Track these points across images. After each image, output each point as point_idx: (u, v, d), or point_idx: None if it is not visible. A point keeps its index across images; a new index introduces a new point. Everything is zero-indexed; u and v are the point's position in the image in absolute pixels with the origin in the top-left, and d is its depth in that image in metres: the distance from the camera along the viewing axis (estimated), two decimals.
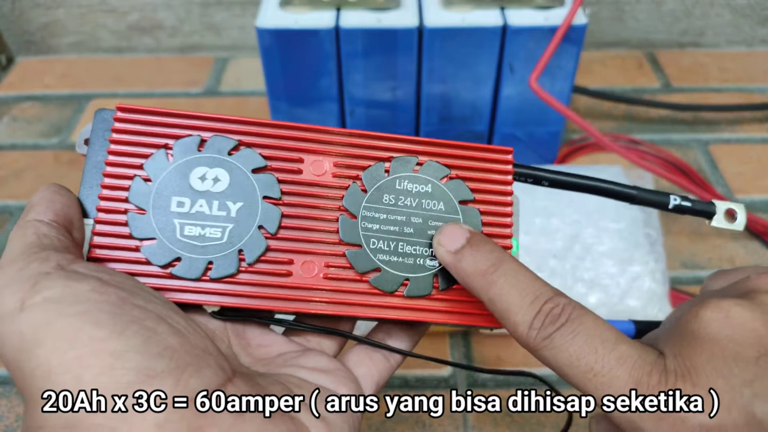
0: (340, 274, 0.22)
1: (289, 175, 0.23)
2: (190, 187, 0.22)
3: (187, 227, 0.22)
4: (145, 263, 0.21)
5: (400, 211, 0.23)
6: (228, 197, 0.22)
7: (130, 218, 0.22)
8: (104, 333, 0.17)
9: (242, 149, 0.23)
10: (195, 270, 0.21)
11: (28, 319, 0.17)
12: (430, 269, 0.23)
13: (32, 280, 0.18)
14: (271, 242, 0.22)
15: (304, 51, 0.45)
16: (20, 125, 0.59)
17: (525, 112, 0.49)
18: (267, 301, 0.22)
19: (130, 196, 0.22)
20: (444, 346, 0.41)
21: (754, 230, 0.47)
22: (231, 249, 0.22)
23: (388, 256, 0.23)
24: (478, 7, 0.45)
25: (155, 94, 0.62)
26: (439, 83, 0.47)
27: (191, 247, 0.22)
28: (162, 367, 0.17)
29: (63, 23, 0.66)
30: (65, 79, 0.64)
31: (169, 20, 0.66)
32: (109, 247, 0.21)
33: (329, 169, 0.23)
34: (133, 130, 0.22)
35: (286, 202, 0.22)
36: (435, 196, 0.23)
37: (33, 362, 0.17)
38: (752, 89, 0.61)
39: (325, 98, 0.48)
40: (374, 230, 0.23)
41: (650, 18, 0.65)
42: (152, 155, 0.22)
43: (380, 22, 0.44)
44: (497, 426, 0.36)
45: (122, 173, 0.22)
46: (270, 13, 0.45)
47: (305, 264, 0.22)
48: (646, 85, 0.62)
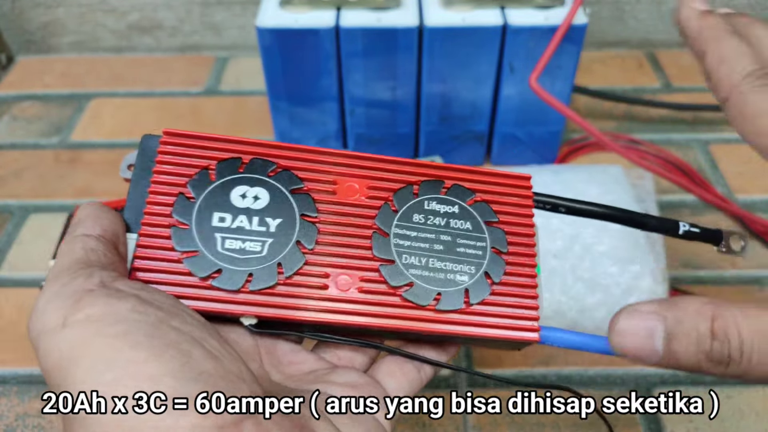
0: (374, 288, 0.23)
1: (324, 196, 0.24)
2: (231, 204, 0.24)
3: (228, 241, 0.23)
4: (187, 274, 0.22)
5: (429, 229, 0.25)
6: (267, 214, 0.24)
7: (174, 232, 0.23)
8: (142, 356, 0.17)
9: (280, 171, 0.24)
10: (235, 282, 0.23)
11: (68, 337, 0.17)
12: (460, 284, 0.24)
13: (76, 296, 0.18)
14: (308, 257, 0.23)
15: (305, 50, 0.45)
16: (20, 124, 0.59)
17: (525, 112, 0.49)
18: (304, 312, 0.23)
19: (174, 211, 0.23)
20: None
21: (755, 230, 0.47)
22: (270, 262, 0.23)
23: (420, 271, 0.24)
24: (478, 7, 0.45)
25: (155, 94, 0.62)
26: (440, 83, 0.46)
27: (232, 260, 0.23)
28: (196, 393, 0.17)
29: (63, 22, 0.66)
30: (65, 79, 0.64)
31: (170, 20, 0.66)
32: (153, 258, 0.23)
33: (361, 191, 0.25)
34: (178, 152, 0.24)
35: (322, 219, 0.24)
36: (462, 217, 0.25)
37: (69, 381, 0.17)
38: None
39: (325, 98, 0.48)
40: (406, 246, 0.24)
41: (651, 17, 0.65)
42: (195, 175, 0.24)
43: (380, 22, 0.44)
44: (497, 426, 0.36)
45: (167, 190, 0.24)
46: (270, 13, 0.45)
47: (340, 278, 0.23)
48: (646, 85, 0.62)
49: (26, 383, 0.39)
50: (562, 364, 0.39)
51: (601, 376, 0.39)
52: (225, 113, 0.59)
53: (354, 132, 0.50)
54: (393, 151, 0.52)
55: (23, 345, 0.41)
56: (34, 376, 0.40)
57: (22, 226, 0.49)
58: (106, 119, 0.59)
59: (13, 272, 0.46)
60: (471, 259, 0.24)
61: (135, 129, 0.58)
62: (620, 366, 0.39)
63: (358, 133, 0.50)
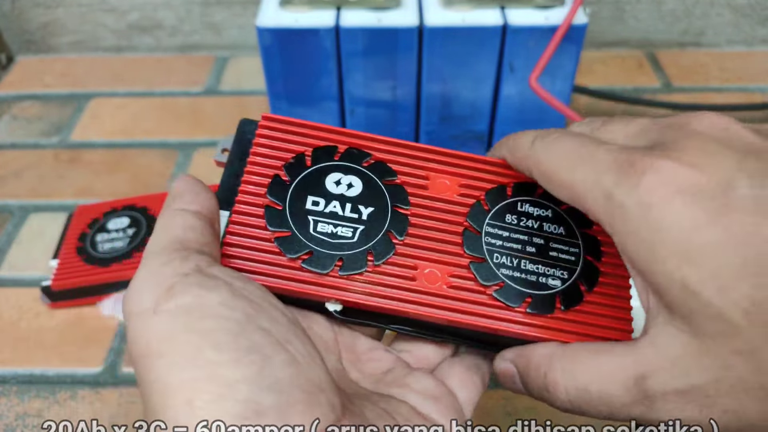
0: (464, 284, 0.23)
1: (417, 189, 0.24)
2: (326, 189, 0.24)
3: (320, 224, 0.23)
4: (277, 254, 0.22)
5: (522, 230, 0.24)
6: (360, 202, 0.24)
7: (267, 211, 0.23)
8: (223, 358, 0.17)
9: (375, 162, 0.25)
10: (325, 265, 0.23)
11: (157, 326, 0.17)
12: (553, 288, 0.23)
13: (169, 282, 0.18)
14: (398, 248, 0.23)
15: (305, 50, 0.45)
16: (20, 124, 0.59)
17: (525, 112, 0.49)
18: (391, 301, 0.23)
19: (268, 191, 0.23)
20: None
21: None
22: (360, 249, 0.23)
23: (511, 272, 0.23)
24: (478, 7, 0.45)
25: (155, 94, 0.62)
26: (439, 83, 0.47)
27: (323, 243, 0.23)
28: (270, 402, 0.17)
29: (63, 22, 0.66)
30: (65, 78, 0.64)
31: (169, 19, 0.66)
32: (245, 235, 0.23)
33: (453, 188, 0.25)
34: (275, 136, 0.25)
35: (413, 212, 0.24)
36: (555, 221, 0.24)
37: (153, 374, 0.17)
38: (752, 89, 0.61)
39: (325, 97, 0.48)
40: (497, 246, 0.24)
41: (651, 18, 0.65)
42: (291, 159, 0.24)
43: (380, 22, 0.44)
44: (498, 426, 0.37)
45: (262, 171, 0.24)
46: (270, 13, 0.45)
47: (430, 271, 0.23)
48: (646, 85, 0.62)
49: (26, 383, 0.39)
50: None
51: None
52: (225, 113, 0.59)
53: None
54: None
55: (23, 345, 0.41)
56: (35, 376, 0.40)
57: (22, 226, 0.49)
58: (106, 119, 0.59)
59: (13, 272, 0.46)
60: (564, 264, 0.24)
61: (135, 129, 0.58)
62: None
63: None
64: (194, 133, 0.57)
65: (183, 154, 0.55)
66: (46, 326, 0.42)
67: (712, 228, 0.16)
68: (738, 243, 0.16)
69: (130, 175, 0.53)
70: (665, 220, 0.17)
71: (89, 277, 0.41)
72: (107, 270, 0.41)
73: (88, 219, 0.44)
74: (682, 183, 0.17)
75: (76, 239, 0.43)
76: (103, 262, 0.41)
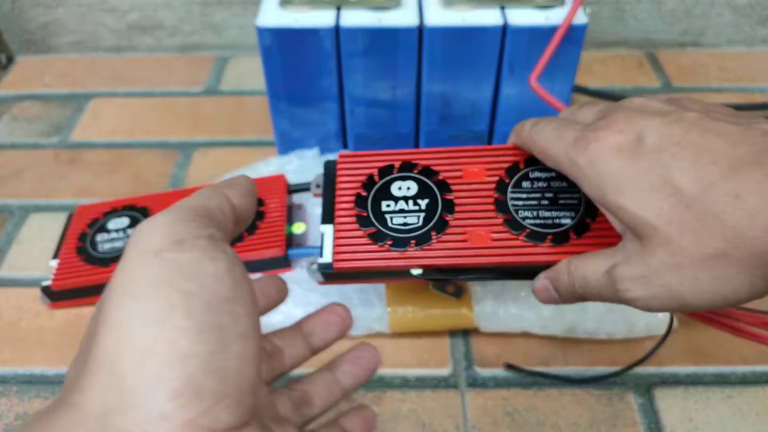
0: (501, 236, 0.32)
1: (455, 180, 0.34)
2: (392, 194, 0.34)
3: (394, 218, 0.33)
4: (370, 244, 0.32)
5: (535, 190, 0.33)
6: (418, 197, 0.33)
7: (357, 218, 0.33)
8: (186, 325, 0.18)
9: (422, 168, 0.34)
10: (404, 245, 0.32)
11: (149, 270, 0.18)
12: (566, 225, 0.32)
13: (181, 235, 0.19)
14: (451, 222, 0.32)
15: (305, 50, 0.45)
16: (20, 124, 0.59)
17: (525, 112, 0.49)
18: (455, 258, 0.31)
19: (355, 204, 0.33)
20: (444, 346, 0.41)
21: None
22: (425, 229, 0.32)
23: (534, 220, 0.32)
24: (478, 7, 0.45)
25: (155, 94, 0.62)
26: (439, 83, 0.47)
27: (399, 231, 0.32)
28: (209, 387, 0.18)
29: (63, 22, 0.66)
30: (65, 78, 0.64)
31: (169, 19, 0.66)
32: (346, 237, 0.33)
33: (481, 172, 0.34)
34: (350, 166, 0.35)
35: (456, 196, 0.33)
36: (559, 179, 0.33)
37: (121, 314, 0.18)
38: (752, 89, 0.61)
39: (325, 97, 0.48)
40: (520, 205, 0.32)
41: (650, 18, 0.65)
42: (365, 179, 0.34)
43: (380, 22, 0.44)
44: (497, 426, 0.37)
45: (348, 192, 0.34)
46: (270, 12, 0.45)
47: (476, 233, 0.32)
48: (646, 85, 0.62)
49: (26, 383, 0.39)
50: (561, 364, 0.39)
51: (601, 375, 0.39)
52: (225, 113, 0.59)
53: (354, 132, 0.50)
54: None
55: (23, 345, 0.41)
56: (35, 376, 0.40)
57: (22, 226, 0.49)
58: (106, 119, 0.59)
59: (12, 272, 0.46)
60: (571, 207, 0.32)
61: (135, 129, 0.58)
62: (620, 365, 0.39)
63: (358, 132, 0.50)
64: (194, 133, 0.57)
65: (183, 154, 0.55)
66: (46, 326, 0.42)
67: (630, 168, 0.24)
68: (646, 174, 0.24)
69: (130, 175, 0.53)
70: (604, 169, 0.25)
71: (89, 277, 0.41)
72: (107, 270, 0.41)
73: (88, 219, 0.44)
74: (612, 144, 0.25)
75: (76, 239, 0.43)
76: (103, 262, 0.41)
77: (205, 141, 0.56)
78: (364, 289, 0.41)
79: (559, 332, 0.40)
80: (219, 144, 0.56)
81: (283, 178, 0.45)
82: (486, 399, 0.38)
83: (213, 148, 0.56)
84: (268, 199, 0.43)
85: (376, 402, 0.38)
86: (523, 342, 0.41)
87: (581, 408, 0.37)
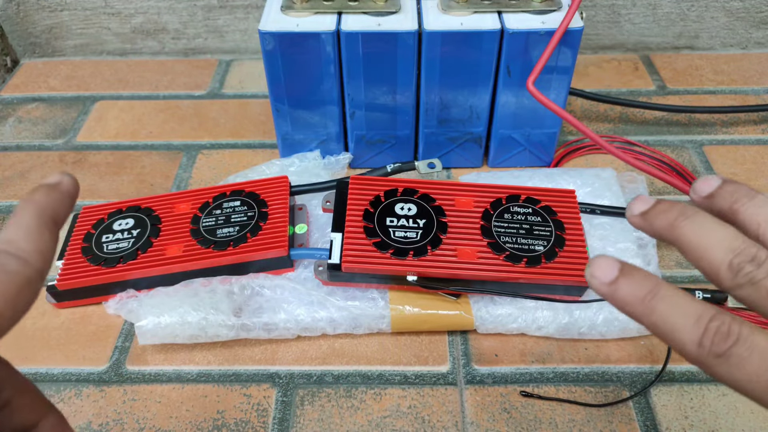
0: (485, 256, 0.39)
1: (448, 206, 0.41)
2: (396, 212, 0.41)
3: (396, 232, 0.40)
4: (375, 251, 0.39)
5: (515, 221, 0.41)
6: (417, 217, 0.41)
7: (365, 229, 0.40)
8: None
9: (422, 194, 0.42)
10: (404, 254, 0.39)
11: None
12: (539, 251, 0.39)
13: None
14: (444, 240, 0.40)
15: (306, 54, 0.46)
16: (25, 126, 0.60)
17: (522, 115, 0.49)
18: (446, 269, 0.38)
19: (363, 218, 0.40)
20: (443, 344, 0.41)
21: None
22: (422, 243, 0.39)
23: (512, 245, 0.39)
24: (476, 12, 0.46)
25: (159, 97, 0.63)
26: (438, 86, 0.47)
27: (400, 242, 0.39)
28: None
29: (67, 26, 0.67)
30: (70, 81, 0.65)
31: (173, 23, 0.66)
32: (354, 244, 0.39)
33: (469, 203, 0.42)
34: (361, 188, 0.42)
35: (449, 219, 0.41)
36: (534, 214, 0.41)
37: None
38: (746, 91, 0.62)
39: (326, 101, 0.49)
40: (501, 232, 0.40)
41: (646, 21, 0.66)
42: (372, 198, 0.41)
43: (380, 26, 0.44)
44: (495, 422, 0.37)
45: (358, 208, 0.41)
46: (272, 17, 0.46)
47: (465, 250, 0.39)
48: (641, 88, 0.63)
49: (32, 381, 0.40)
50: (558, 362, 0.40)
51: (597, 373, 0.39)
52: (228, 116, 0.60)
53: (354, 134, 0.51)
54: (392, 152, 0.52)
55: (23, 345, 0.42)
56: (40, 375, 0.40)
57: None
58: (110, 121, 0.60)
59: None
60: (544, 237, 0.40)
61: (139, 131, 0.59)
62: (617, 363, 0.40)
63: (358, 135, 0.51)
64: (198, 136, 0.58)
65: (187, 156, 0.56)
66: (52, 325, 0.43)
67: None
68: None
69: (134, 177, 0.54)
70: None
71: (94, 277, 0.41)
72: (112, 270, 0.42)
73: (93, 220, 0.45)
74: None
75: (81, 240, 0.44)
76: (107, 262, 0.42)
77: (208, 143, 0.57)
78: (369, 289, 0.42)
79: (553, 333, 0.40)
80: (222, 146, 0.57)
81: (286, 179, 0.45)
82: (484, 395, 0.39)
83: (216, 150, 0.56)
84: (271, 200, 0.44)
85: (376, 399, 0.39)
86: (519, 340, 0.41)
87: (578, 405, 0.38)
